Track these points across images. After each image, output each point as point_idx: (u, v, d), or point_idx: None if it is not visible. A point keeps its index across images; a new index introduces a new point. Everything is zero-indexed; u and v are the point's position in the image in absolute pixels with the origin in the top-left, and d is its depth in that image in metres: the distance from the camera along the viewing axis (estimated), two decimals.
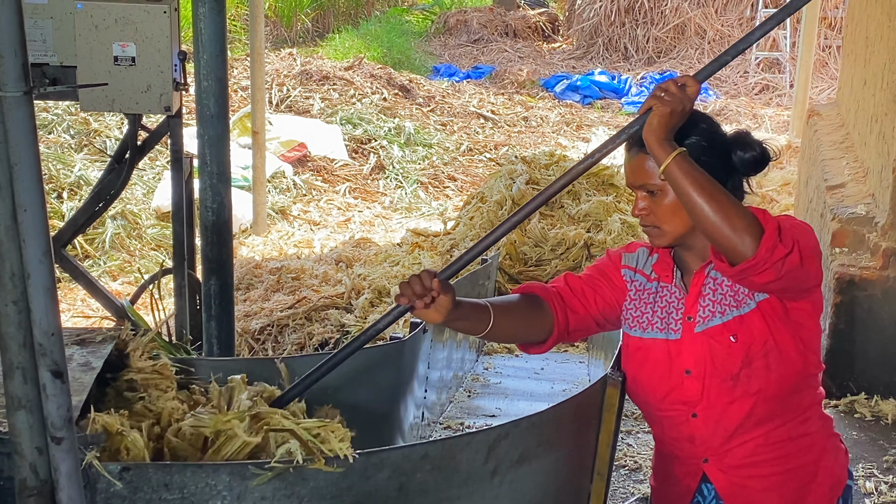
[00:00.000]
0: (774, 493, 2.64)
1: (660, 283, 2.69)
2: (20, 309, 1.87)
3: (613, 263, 2.77)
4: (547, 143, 12.73)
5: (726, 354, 2.56)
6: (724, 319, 2.56)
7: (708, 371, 2.58)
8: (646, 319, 2.68)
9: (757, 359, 2.54)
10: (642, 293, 2.71)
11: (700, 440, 2.64)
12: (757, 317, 2.54)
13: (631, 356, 2.71)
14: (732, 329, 2.55)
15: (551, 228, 7.27)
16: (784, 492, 2.64)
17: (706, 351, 2.58)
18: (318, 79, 13.19)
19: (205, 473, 2.18)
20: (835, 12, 15.72)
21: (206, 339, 4.30)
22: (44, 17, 4.73)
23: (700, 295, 2.60)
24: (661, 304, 2.67)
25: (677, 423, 2.66)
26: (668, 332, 2.64)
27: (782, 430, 2.61)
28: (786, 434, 2.61)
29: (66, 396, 1.95)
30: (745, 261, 2.35)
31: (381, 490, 2.28)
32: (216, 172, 4.15)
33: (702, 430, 2.62)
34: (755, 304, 2.54)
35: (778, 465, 2.63)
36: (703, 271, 2.60)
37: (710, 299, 2.59)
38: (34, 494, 1.98)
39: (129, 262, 8.13)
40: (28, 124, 1.81)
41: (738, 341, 2.55)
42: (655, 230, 2.58)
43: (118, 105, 4.83)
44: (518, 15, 19.85)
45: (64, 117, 10.04)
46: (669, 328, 2.64)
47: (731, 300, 2.56)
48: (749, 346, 2.54)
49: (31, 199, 1.83)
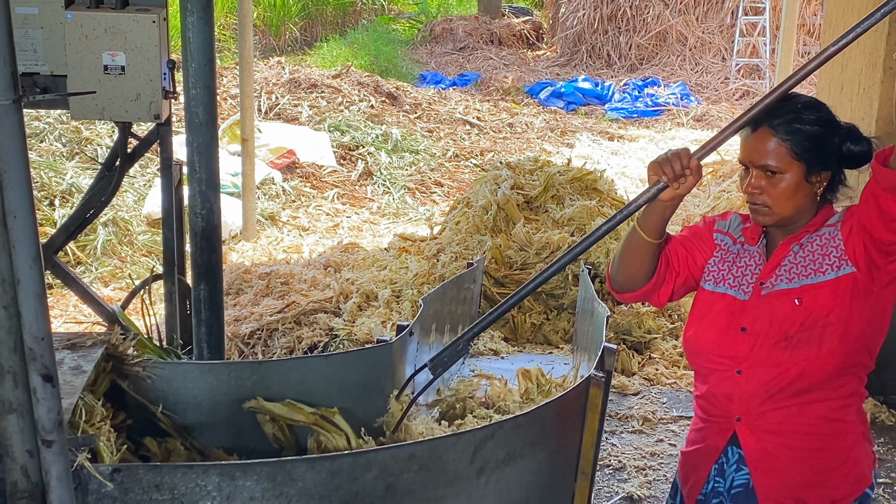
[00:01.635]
0: (798, 467, 2.66)
1: (744, 246, 2.78)
2: (11, 314, 1.87)
3: (707, 227, 2.87)
4: (532, 149, 12.74)
5: (787, 314, 2.61)
6: (791, 285, 2.63)
7: (763, 330, 2.64)
8: (721, 275, 2.77)
9: (815, 327, 2.58)
10: (726, 253, 2.80)
11: (739, 397, 2.67)
12: (828, 288, 2.59)
13: (697, 308, 2.80)
14: (799, 294, 2.62)
15: (536, 232, 7.26)
16: (807, 469, 2.66)
17: (767, 311, 2.64)
18: (306, 87, 13.18)
19: (195, 474, 2.18)
20: (813, 19, 15.78)
21: (196, 343, 4.29)
22: (34, 26, 4.73)
23: (779, 265, 2.68)
24: (740, 264, 2.76)
25: (722, 379, 2.70)
26: (738, 291, 2.72)
27: (820, 406, 2.63)
28: (822, 412, 2.64)
29: (56, 400, 1.94)
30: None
31: (368, 490, 2.28)
32: (205, 179, 4.14)
33: (743, 386, 2.66)
34: (834, 275, 2.59)
35: (808, 440, 2.65)
36: (788, 244, 2.68)
37: (786, 269, 2.66)
38: (25, 497, 1.97)
39: (121, 268, 8.11)
40: (17, 132, 1.80)
41: (803, 305, 2.60)
42: (765, 209, 2.64)
43: (108, 113, 4.82)
44: (503, 23, 19.87)
45: (56, 126, 10.01)
46: (741, 288, 2.72)
47: (809, 271, 2.62)
48: (811, 312, 2.59)
49: (21, 205, 1.83)
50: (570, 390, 2.77)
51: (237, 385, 3.00)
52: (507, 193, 7.53)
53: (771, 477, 2.66)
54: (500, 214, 7.46)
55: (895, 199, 2.43)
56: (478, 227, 7.42)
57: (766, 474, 2.66)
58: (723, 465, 2.74)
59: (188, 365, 3.14)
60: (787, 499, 2.67)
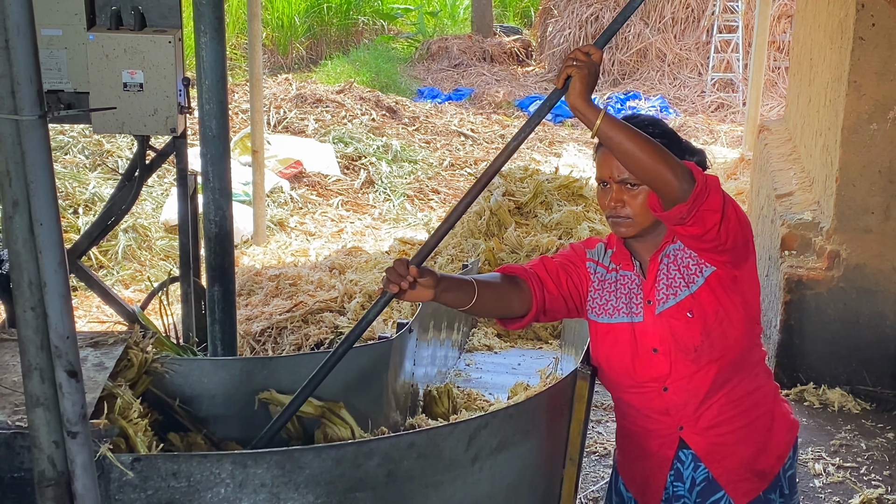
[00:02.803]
0: (744, 444, 2.71)
1: (619, 272, 2.73)
2: (38, 314, 1.87)
3: (579, 256, 2.80)
4: (522, 159, 12.72)
5: (685, 329, 2.60)
6: (677, 300, 2.61)
7: (672, 347, 2.62)
8: (611, 306, 2.71)
9: (714, 329, 2.59)
10: (604, 283, 2.75)
11: (674, 410, 2.67)
12: (706, 291, 2.60)
13: (601, 341, 2.73)
14: (687, 306, 2.60)
15: (526, 236, 7.27)
16: (751, 441, 2.71)
17: (667, 330, 2.62)
18: (312, 102, 13.17)
19: (209, 462, 2.18)
20: (783, 36, 15.78)
21: (211, 341, 4.28)
22: (59, 47, 4.73)
23: (656, 280, 2.65)
24: (623, 290, 2.71)
25: (651, 399, 2.69)
26: (631, 316, 2.67)
27: (739, 387, 2.68)
28: (743, 390, 2.69)
29: (80, 394, 1.95)
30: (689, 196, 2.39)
31: (371, 476, 2.28)
32: (218, 188, 4.14)
33: (675, 400, 2.66)
34: (703, 280, 2.60)
35: (742, 419, 2.70)
36: (656, 258, 2.66)
37: (665, 283, 2.64)
38: (52, 485, 1.98)
39: (140, 272, 8.10)
40: (43, 145, 1.81)
41: (695, 316, 2.60)
42: (627, 221, 2.60)
43: (128, 127, 4.82)
44: (494, 42, 19.86)
45: (79, 139, 10.00)
46: (632, 312, 2.67)
47: (682, 282, 2.62)
48: (705, 319, 2.60)
49: (47, 213, 1.83)
50: (558, 382, 2.78)
51: (248, 379, 3.01)
52: (500, 200, 7.54)
53: (726, 462, 2.70)
54: (493, 219, 7.48)
55: (686, 227, 2.45)
56: (472, 231, 7.42)
57: (721, 462, 2.70)
58: (679, 470, 2.74)
59: (203, 361, 3.14)
60: (745, 475, 2.71)
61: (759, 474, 2.72)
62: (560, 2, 18.60)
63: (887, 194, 5.54)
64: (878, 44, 5.38)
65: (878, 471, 4.93)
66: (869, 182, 5.54)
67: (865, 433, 5.30)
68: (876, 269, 5.63)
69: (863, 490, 4.72)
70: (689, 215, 2.41)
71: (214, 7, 3.91)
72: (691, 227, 2.44)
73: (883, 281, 5.63)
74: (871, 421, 5.43)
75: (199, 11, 3.90)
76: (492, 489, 2.53)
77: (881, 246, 5.60)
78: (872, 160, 5.51)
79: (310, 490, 2.22)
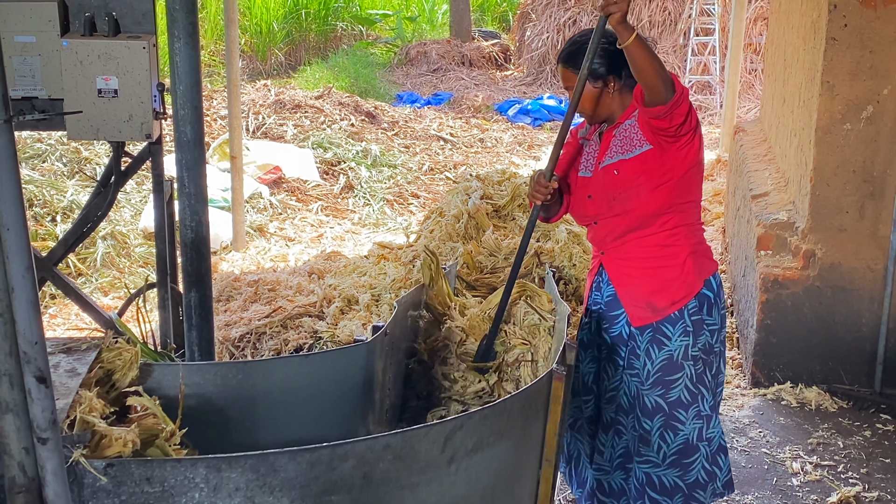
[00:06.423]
0: (645, 281, 3.54)
1: (587, 140, 3.68)
2: (5, 320, 1.86)
3: (573, 137, 3.76)
4: (501, 162, 12.73)
5: (611, 183, 3.50)
6: (612, 161, 3.51)
7: (600, 194, 3.55)
8: (582, 164, 3.66)
9: (630, 188, 3.45)
10: (583, 148, 3.69)
11: (599, 240, 3.65)
12: (635, 161, 3.44)
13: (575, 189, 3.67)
14: (616, 167, 3.49)
15: (504, 239, 7.26)
16: (652, 281, 3.53)
17: (601, 182, 3.54)
18: (290, 107, 13.14)
19: (183, 467, 2.17)
20: (759, 39, 15.86)
21: (188, 347, 4.26)
22: (32, 54, 4.70)
23: (608, 148, 3.55)
24: (590, 154, 3.65)
25: (590, 230, 3.68)
26: (586, 171, 3.63)
27: (653, 238, 3.51)
28: (656, 241, 3.52)
29: (50, 400, 1.93)
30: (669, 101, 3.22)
31: (346, 479, 2.27)
32: (194, 193, 4.11)
33: (600, 233, 3.62)
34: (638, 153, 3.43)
35: (649, 262, 3.53)
36: (611, 132, 3.56)
37: (612, 150, 3.52)
38: (22, 491, 1.96)
39: (119, 279, 8.06)
40: (8, 150, 1.79)
41: (619, 175, 3.48)
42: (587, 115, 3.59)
43: (103, 133, 4.79)
44: (473, 46, 19.88)
45: (57, 147, 9.94)
46: (587, 168, 3.62)
47: (622, 150, 3.48)
48: (626, 179, 3.46)
49: (13, 218, 1.81)
50: (533, 383, 2.78)
51: (223, 384, 2.99)
52: (477, 203, 7.54)
53: (628, 288, 3.57)
54: (471, 223, 7.46)
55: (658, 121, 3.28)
56: (450, 234, 7.41)
57: (625, 287, 3.58)
58: (598, 283, 3.68)
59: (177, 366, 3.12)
60: (640, 303, 3.54)
61: (652, 308, 3.52)
62: (538, 6, 18.65)
63: (861, 193, 5.56)
64: (851, 44, 5.41)
65: (856, 469, 4.95)
66: (843, 181, 5.56)
67: (842, 431, 5.32)
68: (851, 268, 5.65)
69: (840, 488, 4.73)
70: (664, 114, 3.25)
71: (188, 12, 3.89)
72: (661, 121, 3.28)
73: (858, 279, 5.66)
74: (848, 419, 5.45)
75: (173, 17, 3.88)
76: (468, 490, 2.53)
77: (856, 245, 5.63)
78: (846, 160, 5.53)
79: (285, 493, 2.21)
